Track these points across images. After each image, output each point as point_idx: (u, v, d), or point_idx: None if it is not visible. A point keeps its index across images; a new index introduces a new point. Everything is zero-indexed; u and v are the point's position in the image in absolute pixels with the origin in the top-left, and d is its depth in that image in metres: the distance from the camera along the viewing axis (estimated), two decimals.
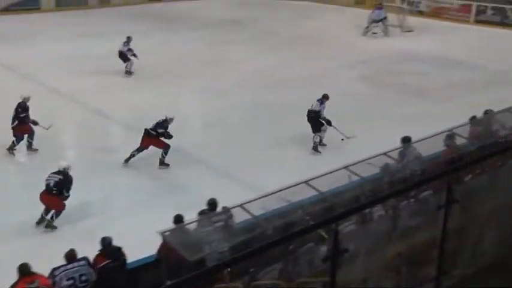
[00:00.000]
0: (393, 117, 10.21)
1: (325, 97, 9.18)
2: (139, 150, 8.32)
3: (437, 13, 19.08)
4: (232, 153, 8.81)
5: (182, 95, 11.58)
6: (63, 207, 6.90)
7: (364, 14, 17.92)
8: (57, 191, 6.81)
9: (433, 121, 9.37)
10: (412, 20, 17.57)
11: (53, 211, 6.87)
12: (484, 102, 8.84)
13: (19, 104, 8.56)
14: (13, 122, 8.51)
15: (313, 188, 4.70)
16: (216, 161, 8.57)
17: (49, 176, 6.87)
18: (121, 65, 12.64)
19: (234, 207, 4.37)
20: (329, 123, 9.02)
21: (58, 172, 6.88)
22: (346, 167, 5.13)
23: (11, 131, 8.56)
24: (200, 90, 11.81)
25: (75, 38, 15.66)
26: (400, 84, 12.23)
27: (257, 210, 4.41)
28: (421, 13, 19.32)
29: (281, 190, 4.65)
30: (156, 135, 8.26)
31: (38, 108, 9.01)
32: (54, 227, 6.86)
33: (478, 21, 17.96)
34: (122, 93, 11.47)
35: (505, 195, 3.79)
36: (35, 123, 8.59)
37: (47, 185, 6.82)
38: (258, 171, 8.12)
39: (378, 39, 16.48)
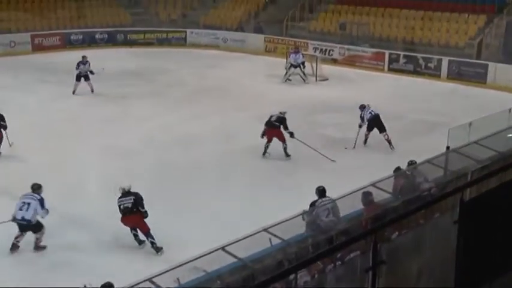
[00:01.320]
0: (313, 171, 10.56)
1: None
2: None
3: (351, 61, 20.48)
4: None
5: (78, 156, 11.16)
6: (147, 226, 8.02)
7: (275, 62, 18.83)
8: (137, 210, 7.99)
9: (355, 174, 9.92)
10: (326, 68, 18.70)
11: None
12: (407, 151, 9.45)
13: None
14: None
15: (231, 254, 4.66)
16: (119, 229, 8.25)
17: (121, 200, 8.03)
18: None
19: (139, 283, 4.18)
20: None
21: (126, 194, 8.08)
22: (265, 229, 5.18)
23: None
24: (99, 151, 11.48)
25: None
26: (319, 136, 12.76)
27: (169, 283, 4.25)
28: (334, 61, 20.64)
29: (195, 259, 4.55)
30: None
31: None
32: (160, 248, 7.96)
33: (392, 70, 19.48)
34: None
35: (432, 253, 4.00)
36: None
37: (125, 209, 7.98)
38: (167, 240, 7.92)
39: (292, 87, 17.26)
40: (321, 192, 7.34)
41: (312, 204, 7.07)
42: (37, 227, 8.03)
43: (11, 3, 23.19)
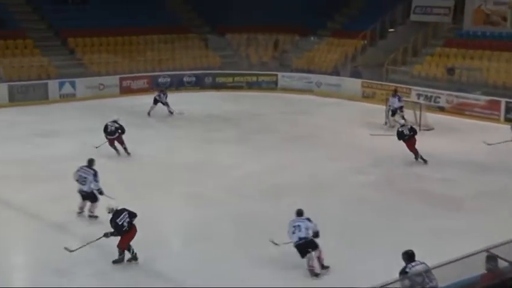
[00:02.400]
0: (414, 231, 10.24)
1: None
2: None
3: (460, 110, 19.94)
4: (217, 272, 8.73)
5: (154, 203, 11.61)
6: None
7: (373, 109, 18.77)
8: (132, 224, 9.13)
9: (465, 238, 9.50)
10: (431, 117, 18.33)
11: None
12: None
13: None
14: None
15: None
16: (198, 281, 8.42)
17: (118, 220, 9.02)
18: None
19: None
20: None
21: (120, 212, 9.07)
22: None
23: None
24: (183, 199, 11.89)
25: (31, 138, 16.15)
26: (420, 192, 12.42)
27: None
28: (441, 109, 20.20)
29: None
30: None
31: None
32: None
33: (509, 120, 18.58)
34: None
35: None
36: None
37: (128, 224, 9.05)
38: None
39: (391, 136, 17.03)
40: (410, 256, 7.09)
41: (403, 272, 6.84)
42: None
43: (102, 45, 25.13)
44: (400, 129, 14.58)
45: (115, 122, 14.82)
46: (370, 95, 22.28)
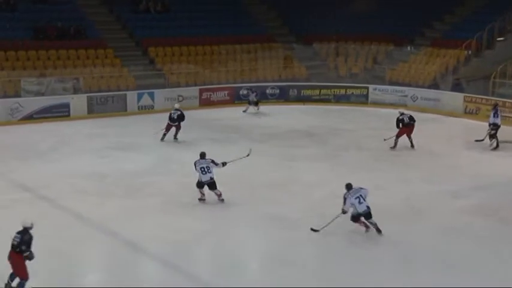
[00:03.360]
0: None
1: None
2: None
3: None
4: None
5: (236, 225, 11.80)
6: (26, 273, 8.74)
7: (476, 126, 18.23)
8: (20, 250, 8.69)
9: None
10: None
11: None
12: None
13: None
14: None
15: None
16: None
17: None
18: (160, 185, 13.66)
19: None
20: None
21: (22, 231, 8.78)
22: None
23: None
24: (261, 220, 12.00)
25: (107, 151, 16.92)
26: None
27: None
28: None
29: None
30: None
31: (55, 240, 9.76)
32: None
33: None
34: (160, 219, 11.89)
35: None
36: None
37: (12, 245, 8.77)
38: None
39: (496, 158, 16.47)
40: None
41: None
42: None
43: (183, 55, 25.97)
44: (400, 117, 17.26)
45: (177, 110, 18.03)
46: (474, 111, 21.59)
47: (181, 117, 17.93)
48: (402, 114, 17.41)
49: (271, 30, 28.38)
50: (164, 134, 17.94)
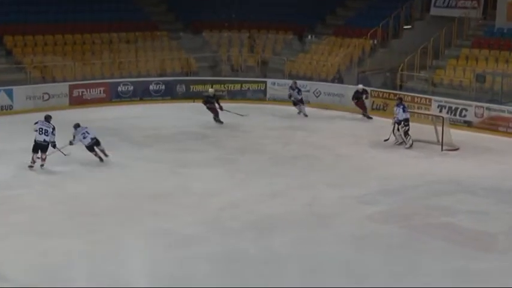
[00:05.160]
0: (434, 274, 10.42)
1: None
2: None
3: (492, 125, 20.28)
4: None
5: (117, 243, 11.71)
6: None
7: (384, 124, 19.12)
8: None
9: (498, 283, 9.73)
10: (456, 134, 18.66)
11: None
12: None
13: None
14: None
15: None
16: None
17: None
18: (22, 199, 13.43)
19: None
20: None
21: None
22: None
23: None
24: (150, 237, 11.99)
25: None
26: (443, 227, 12.62)
27: None
28: (468, 124, 20.55)
29: None
30: None
31: None
32: None
33: None
34: (26, 240, 11.58)
35: None
36: None
37: None
38: None
39: (405, 159, 17.29)
40: None
41: None
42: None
43: (48, 45, 25.26)
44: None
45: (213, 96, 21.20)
46: (381, 106, 22.61)
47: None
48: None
49: (154, 17, 28.30)
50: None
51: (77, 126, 16.56)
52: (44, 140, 15.58)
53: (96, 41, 26.20)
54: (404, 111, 18.42)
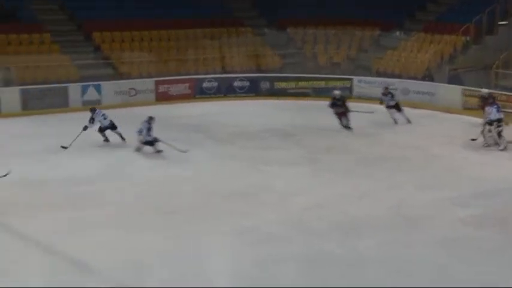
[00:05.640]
0: None
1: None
2: None
3: None
4: None
5: (201, 241, 11.67)
6: None
7: (477, 124, 18.46)
8: None
9: None
10: None
11: None
12: None
13: None
14: None
15: None
16: None
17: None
18: (108, 194, 13.52)
19: None
20: None
21: None
22: None
23: None
24: (230, 236, 11.90)
25: (44, 155, 16.72)
26: None
27: None
28: None
29: None
30: None
31: None
32: None
33: None
34: (111, 234, 11.70)
35: None
36: None
37: None
38: None
39: (501, 160, 16.65)
40: None
41: None
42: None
43: (135, 41, 25.73)
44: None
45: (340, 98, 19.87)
46: (474, 106, 21.83)
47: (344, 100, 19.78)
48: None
49: (239, 13, 28.35)
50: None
51: (94, 109, 18.01)
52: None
53: (181, 37, 26.45)
54: (498, 111, 17.72)
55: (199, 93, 24.38)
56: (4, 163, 15.77)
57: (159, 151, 16.68)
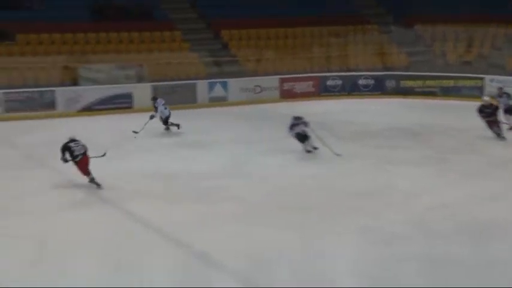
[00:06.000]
0: None
1: None
2: None
3: None
4: None
5: (324, 238, 11.72)
6: None
7: None
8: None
9: None
10: None
11: None
12: None
13: None
14: None
15: None
16: None
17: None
18: (235, 189, 13.78)
19: None
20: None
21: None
22: None
23: None
24: (353, 234, 11.88)
25: (174, 149, 17.36)
26: None
27: None
28: None
29: None
30: None
31: (116, 249, 10.16)
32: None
33: None
34: (237, 229, 11.97)
35: None
36: None
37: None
38: None
39: None
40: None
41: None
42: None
43: (261, 39, 26.12)
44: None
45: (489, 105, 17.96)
46: None
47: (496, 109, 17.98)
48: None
49: (364, 10, 28.12)
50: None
51: (155, 98, 18.89)
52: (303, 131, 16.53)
53: (306, 35, 26.58)
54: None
55: (323, 91, 24.42)
56: (137, 156, 16.62)
57: (312, 149, 16.70)
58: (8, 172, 15.18)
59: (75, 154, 13.54)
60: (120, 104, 22.10)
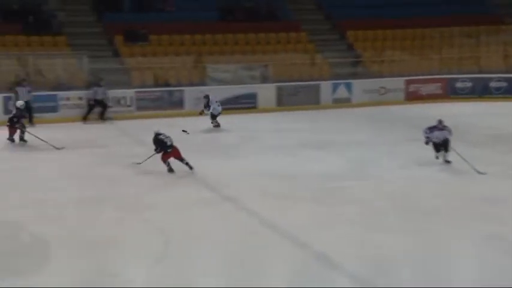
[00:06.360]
0: None
1: None
2: None
3: None
4: None
5: (445, 243, 11.46)
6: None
7: None
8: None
9: None
10: None
11: None
12: None
13: None
14: None
15: None
16: None
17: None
18: (355, 191, 13.65)
19: None
20: None
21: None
22: None
23: None
24: (476, 241, 11.54)
25: (296, 149, 17.39)
26: None
27: None
28: None
29: None
30: None
31: (237, 246, 10.37)
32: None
33: None
34: (356, 232, 11.91)
35: None
36: None
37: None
38: None
39: None
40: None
41: None
42: None
43: (387, 40, 25.79)
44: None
45: None
46: None
47: None
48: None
49: (499, 9, 27.07)
50: None
51: (208, 96, 19.72)
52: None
53: (435, 36, 25.97)
54: None
55: (451, 93, 23.75)
56: (260, 155, 16.89)
57: (444, 161, 15.94)
58: (134, 169, 15.75)
59: (168, 144, 14.75)
60: (245, 104, 22.49)
